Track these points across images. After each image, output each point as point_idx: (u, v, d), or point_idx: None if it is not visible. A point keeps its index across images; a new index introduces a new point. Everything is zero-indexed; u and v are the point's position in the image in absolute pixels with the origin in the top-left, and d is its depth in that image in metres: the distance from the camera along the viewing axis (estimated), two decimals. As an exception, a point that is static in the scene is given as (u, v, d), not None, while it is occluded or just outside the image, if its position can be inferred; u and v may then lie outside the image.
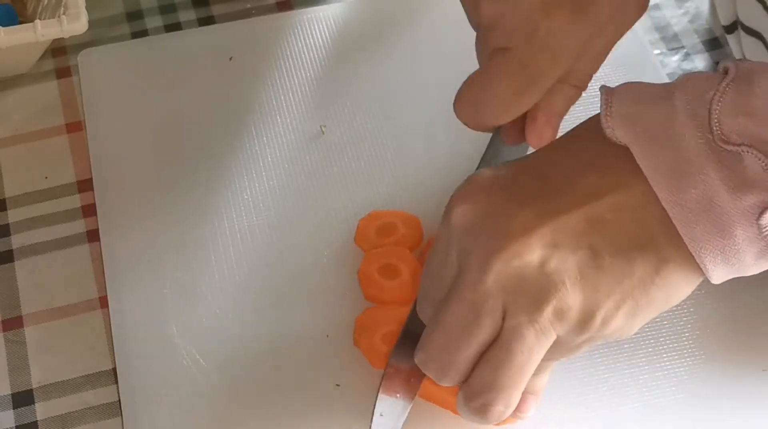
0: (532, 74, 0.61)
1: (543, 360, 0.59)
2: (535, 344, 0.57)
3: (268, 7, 0.92)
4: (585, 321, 0.57)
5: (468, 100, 0.64)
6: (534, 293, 0.57)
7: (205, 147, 0.82)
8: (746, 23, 0.75)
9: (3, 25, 0.80)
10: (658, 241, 0.57)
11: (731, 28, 0.78)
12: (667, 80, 0.84)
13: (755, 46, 0.76)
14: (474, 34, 0.71)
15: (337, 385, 0.69)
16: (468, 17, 0.65)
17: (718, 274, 0.57)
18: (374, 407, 0.65)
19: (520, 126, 0.65)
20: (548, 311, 0.57)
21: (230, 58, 0.87)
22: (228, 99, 0.84)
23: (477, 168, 0.68)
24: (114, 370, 0.71)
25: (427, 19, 0.89)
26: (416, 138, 0.82)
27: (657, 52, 0.88)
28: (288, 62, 0.86)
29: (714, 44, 0.88)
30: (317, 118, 0.83)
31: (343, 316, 0.72)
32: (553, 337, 0.57)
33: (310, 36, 0.88)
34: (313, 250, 0.76)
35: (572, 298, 0.57)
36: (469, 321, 0.58)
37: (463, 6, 0.65)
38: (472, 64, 0.65)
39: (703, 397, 0.69)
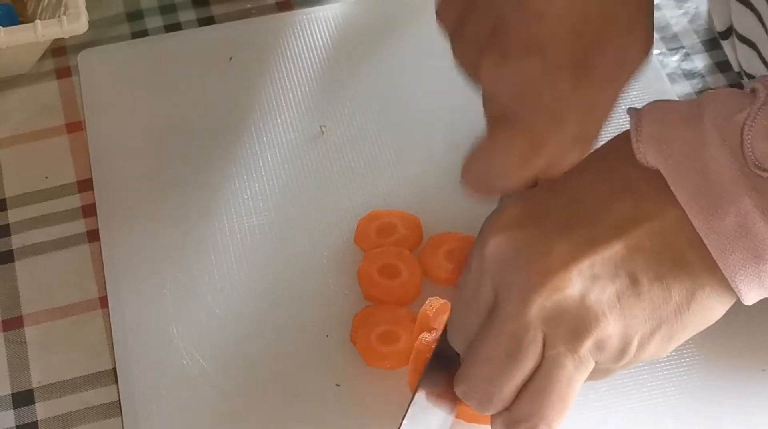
0: (538, 142, 0.58)
1: None
2: (574, 373, 0.57)
3: (268, 7, 0.92)
4: (623, 349, 0.58)
5: (474, 170, 0.61)
6: (574, 325, 0.56)
7: (204, 147, 0.82)
8: (740, 32, 0.75)
9: (3, 25, 0.80)
10: (693, 266, 0.57)
11: (726, 34, 0.78)
12: (666, 80, 0.85)
13: (749, 53, 0.75)
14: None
15: (337, 384, 0.69)
16: (468, 82, 0.63)
17: (752, 297, 0.57)
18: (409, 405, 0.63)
19: (532, 187, 0.62)
20: (589, 343, 0.57)
21: (230, 58, 0.87)
22: (228, 99, 0.84)
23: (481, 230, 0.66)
24: (114, 370, 0.71)
25: (427, 19, 0.88)
26: (416, 138, 0.82)
27: (657, 52, 0.88)
28: (288, 62, 0.86)
29: (714, 44, 0.87)
30: (317, 118, 0.83)
31: (343, 315, 0.72)
32: (592, 366, 0.58)
33: (310, 36, 0.88)
34: (313, 250, 0.76)
35: (612, 327, 0.57)
36: (511, 353, 0.57)
37: (460, 72, 0.62)
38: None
39: (702, 397, 0.69)
